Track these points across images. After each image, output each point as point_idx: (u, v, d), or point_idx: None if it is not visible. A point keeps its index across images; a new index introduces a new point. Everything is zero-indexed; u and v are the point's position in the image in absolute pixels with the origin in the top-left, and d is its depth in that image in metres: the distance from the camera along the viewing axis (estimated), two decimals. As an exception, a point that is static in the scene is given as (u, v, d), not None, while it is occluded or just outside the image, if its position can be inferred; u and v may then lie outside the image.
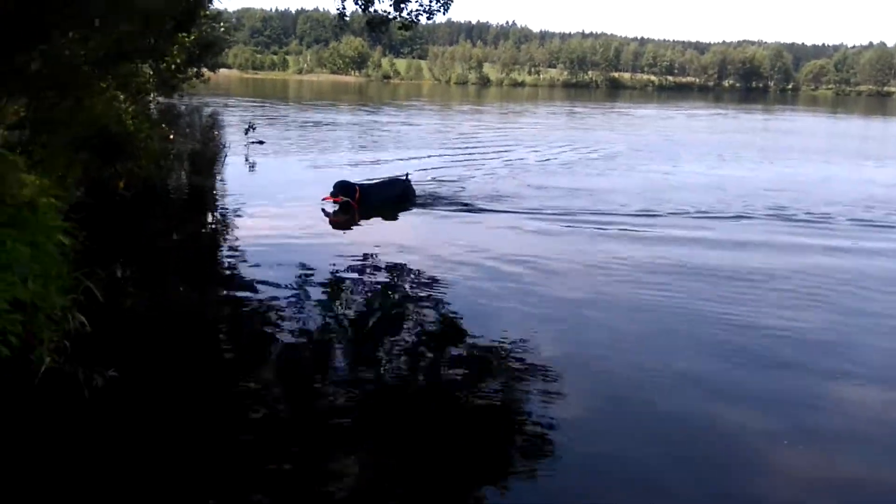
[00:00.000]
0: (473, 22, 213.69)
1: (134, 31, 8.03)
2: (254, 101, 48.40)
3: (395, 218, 11.98)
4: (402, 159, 19.50)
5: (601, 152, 23.03)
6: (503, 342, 6.55)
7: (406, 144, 23.87)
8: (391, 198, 12.55)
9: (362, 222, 11.44)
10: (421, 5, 13.21)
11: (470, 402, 5.51)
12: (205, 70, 16.40)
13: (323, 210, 11.82)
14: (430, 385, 5.87)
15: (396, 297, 7.92)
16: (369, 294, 7.99)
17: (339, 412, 5.27)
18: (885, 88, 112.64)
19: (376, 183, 13.00)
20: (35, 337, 5.10)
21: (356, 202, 11.72)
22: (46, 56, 6.19)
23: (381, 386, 5.73)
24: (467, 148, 22.98)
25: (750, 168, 20.43)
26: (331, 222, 11.35)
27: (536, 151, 22.59)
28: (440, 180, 15.49)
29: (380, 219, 11.76)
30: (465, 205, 12.87)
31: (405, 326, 7.04)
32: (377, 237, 10.62)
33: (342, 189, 11.85)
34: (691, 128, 40.41)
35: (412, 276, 8.59)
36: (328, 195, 11.86)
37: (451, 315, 7.32)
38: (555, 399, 5.44)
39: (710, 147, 26.45)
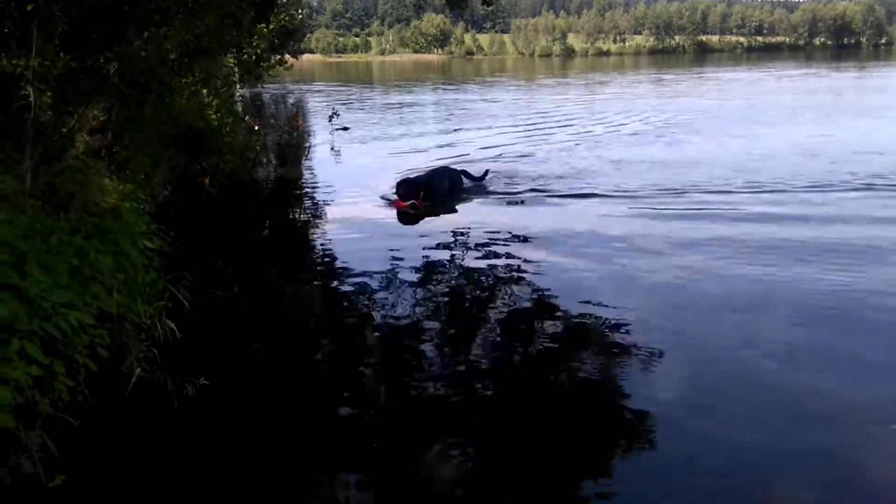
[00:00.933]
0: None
1: (212, 26, 7.88)
2: (337, 86, 48.74)
3: (468, 209, 11.36)
4: (485, 131, 19.15)
5: (689, 120, 22.13)
6: (601, 325, 6.24)
7: (488, 122, 23.39)
8: (447, 189, 11.77)
9: (434, 218, 10.79)
10: (502, -21, 12.76)
11: (568, 388, 5.28)
12: (287, 56, 16.33)
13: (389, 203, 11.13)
14: (526, 370, 5.66)
15: (485, 287, 7.60)
16: (457, 285, 7.70)
17: (435, 404, 5.09)
18: None
19: (433, 174, 11.94)
20: (124, 347, 5.03)
21: (421, 200, 10.97)
22: (122, 57, 6.09)
23: (477, 373, 5.53)
24: (548, 123, 22.36)
25: (852, 130, 19.10)
26: (399, 217, 10.67)
27: (620, 122, 21.85)
28: (522, 158, 15.07)
29: (458, 211, 11.20)
30: (544, 190, 12.10)
31: (497, 316, 6.73)
32: (456, 227, 10.13)
33: (407, 188, 11.14)
34: (781, 89, 38.55)
35: (499, 267, 8.25)
36: (395, 199, 11.13)
37: (544, 300, 6.99)
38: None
39: (803, 109, 25.09)
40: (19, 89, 6.17)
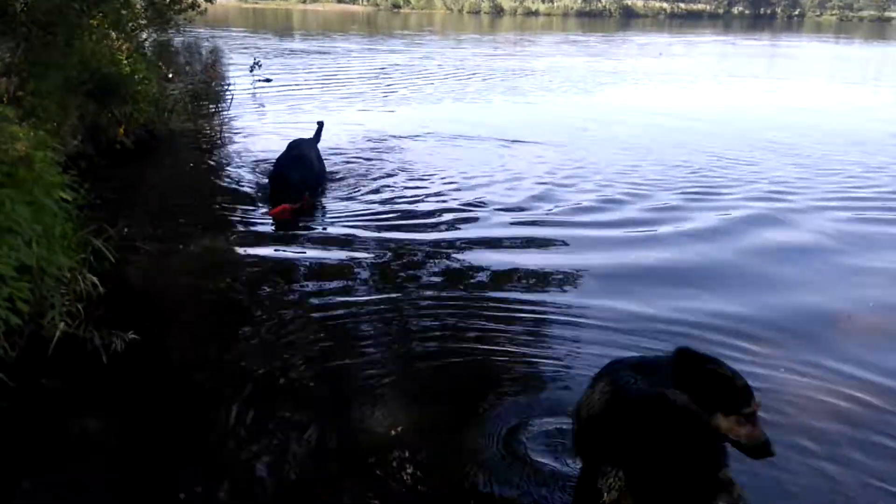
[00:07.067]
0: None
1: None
2: (256, 34, 47.19)
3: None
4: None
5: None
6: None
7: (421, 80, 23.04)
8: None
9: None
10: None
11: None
12: (201, 0, 15.40)
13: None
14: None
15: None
16: (387, 242, 7.58)
17: (368, 366, 5.09)
18: (886, 14, 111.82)
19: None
20: (45, 301, 4.82)
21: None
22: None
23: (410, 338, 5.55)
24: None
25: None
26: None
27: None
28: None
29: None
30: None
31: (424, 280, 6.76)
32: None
33: (297, 149, 8.89)
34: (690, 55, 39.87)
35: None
36: (276, 207, 8.22)
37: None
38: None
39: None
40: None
